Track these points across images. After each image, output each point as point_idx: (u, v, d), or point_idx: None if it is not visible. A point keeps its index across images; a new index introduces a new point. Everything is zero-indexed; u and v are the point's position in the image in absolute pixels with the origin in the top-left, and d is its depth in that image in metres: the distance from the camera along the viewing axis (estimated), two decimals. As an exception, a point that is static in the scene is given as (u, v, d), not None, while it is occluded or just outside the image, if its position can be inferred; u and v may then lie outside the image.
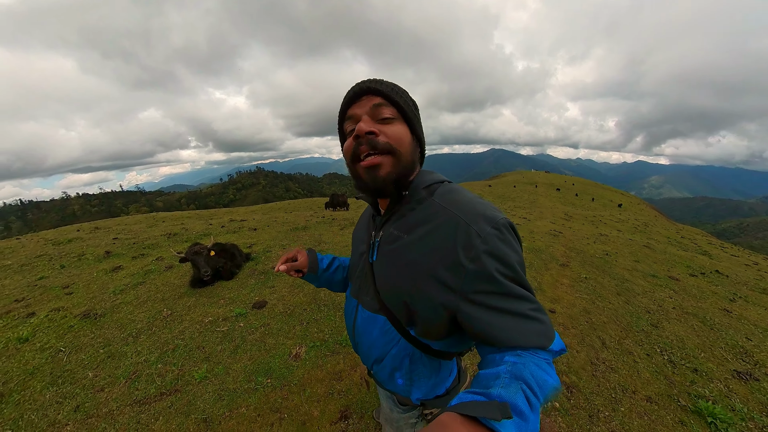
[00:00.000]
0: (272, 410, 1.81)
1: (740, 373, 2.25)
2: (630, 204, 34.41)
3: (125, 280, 4.01)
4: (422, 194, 0.65)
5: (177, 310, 3.08)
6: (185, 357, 2.35)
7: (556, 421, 1.73)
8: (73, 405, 2.00)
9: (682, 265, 5.37)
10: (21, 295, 3.76)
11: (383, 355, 0.72)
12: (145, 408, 1.93)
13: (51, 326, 2.95)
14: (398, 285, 0.64)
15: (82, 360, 2.44)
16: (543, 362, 0.50)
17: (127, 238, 6.58)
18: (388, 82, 0.64)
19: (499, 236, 0.55)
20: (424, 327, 0.64)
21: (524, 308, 0.54)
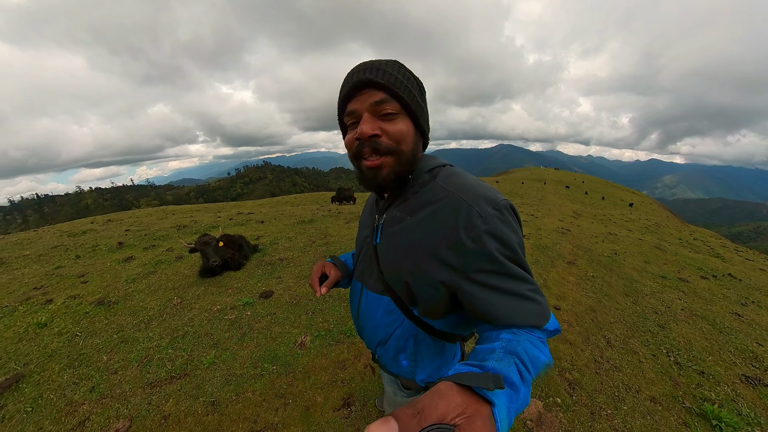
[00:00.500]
0: (277, 396, 1.86)
1: (749, 378, 2.19)
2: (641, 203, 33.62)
3: (137, 269, 4.12)
4: (425, 177, 0.66)
5: (187, 299, 3.17)
6: (194, 343, 2.43)
7: (558, 417, 1.73)
8: (89, 386, 2.10)
9: (693, 267, 5.25)
10: (39, 283, 3.90)
11: (388, 335, 0.73)
12: (156, 390, 2.00)
13: (68, 312, 3.07)
14: (401, 265, 0.65)
15: (97, 344, 2.54)
16: (537, 340, 0.51)
17: (139, 229, 6.75)
18: (390, 70, 0.59)
19: (500, 217, 0.56)
20: (426, 305, 0.64)
21: (522, 288, 0.55)
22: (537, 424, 1.65)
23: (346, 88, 0.60)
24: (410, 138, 0.61)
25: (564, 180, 44.20)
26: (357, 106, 0.59)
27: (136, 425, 1.74)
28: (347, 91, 0.60)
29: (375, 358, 0.87)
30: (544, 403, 1.82)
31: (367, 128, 0.57)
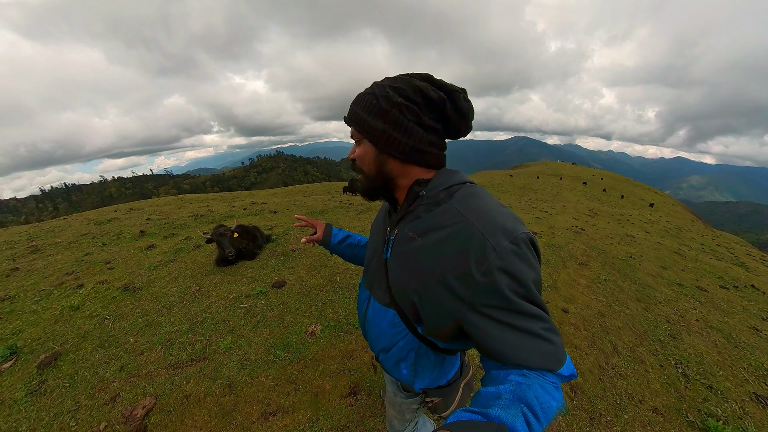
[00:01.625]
0: (288, 381, 1.98)
1: (759, 397, 2.14)
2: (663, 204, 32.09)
3: (158, 257, 4.31)
4: (441, 196, 0.64)
5: (205, 286, 3.31)
6: (212, 329, 2.56)
7: (556, 419, 1.78)
8: (118, 365, 2.25)
9: (713, 276, 5.05)
10: (71, 269, 4.13)
11: (390, 345, 0.75)
12: (178, 371, 2.14)
13: (97, 297, 3.25)
14: (409, 286, 0.65)
15: (124, 327, 2.71)
16: (550, 385, 0.48)
17: (159, 218, 7.00)
18: (355, 106, 0.68)
19: (517, 251, 0.52)
20: (431, 327, 0.65)
21: (535, 326, 0.52)
22: None
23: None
24: (367, 159, 0.69)
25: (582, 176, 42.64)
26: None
27: (161, 403, 1.89)
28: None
29: (378, 360, 0.89)
30: None
31: (350, 154, 0.75)
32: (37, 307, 3.15)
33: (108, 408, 1.91)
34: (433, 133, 0.65)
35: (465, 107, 0.64)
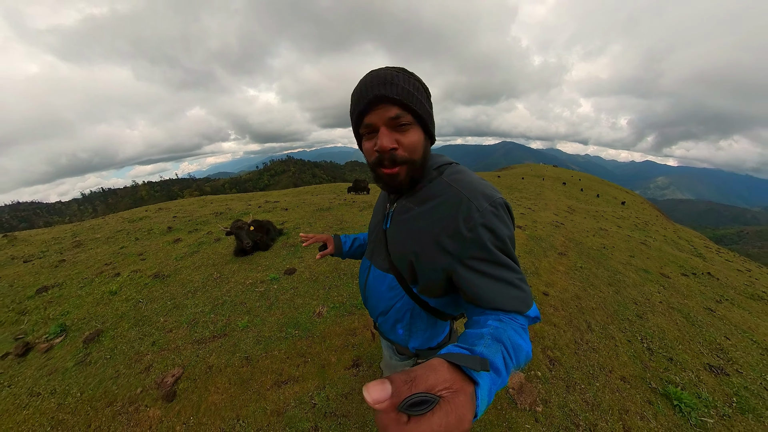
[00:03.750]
0: (299, 355, 2.00)
1: (712, 367, 2.19)
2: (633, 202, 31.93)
3: (184, 249, 4.33)
4: (433, 174, 0.66)
5: (224, 274, 3.33)
6: (231, 310, 2.58)
7: (537, 387, 1.78)
8: (151, 341, 2.29)
9: (675, 265, 5.05)
10: (109, 260, 4.19)
11: (389, 307, 0.75)
12: (202, 346, 2.17)
13: (132, 283, 3.30)
14: (406, 248, 0.66)
15: (155, 309, 2.75)
16: (519, 328, 0.51)
17: (184, 216, 7.00)
18: (402, 83, 0.57)
19: (495, 212, 0.56)
20: (425, 284, 0.66)
21: (510, 276, 0.55)
22: (518, 392, 1.72)
23: (362, 102, 0.58)
24: (421, 146, 0.61)
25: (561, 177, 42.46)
26: (374, 119, 0.58)
27: (188, 372, 1.92)
28: (364, 107, 0.58)
29: (376, 326, 0.91)
30: (525, 375, 1.87)
31: (387, 142, 0.57)
32: (82, 293, 3.21)
33: (143, 376, 1.95)
34: None
35: None
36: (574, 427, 1.57)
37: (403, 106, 0.57)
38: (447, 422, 0.28)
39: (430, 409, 0.28)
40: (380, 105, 0.57)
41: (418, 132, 0.60)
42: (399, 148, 0.59)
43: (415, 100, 0.58)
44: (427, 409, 0.28)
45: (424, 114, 0.59)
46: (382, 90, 0.56)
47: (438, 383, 0.31)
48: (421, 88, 0.61)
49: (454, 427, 0.29)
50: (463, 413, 0.30)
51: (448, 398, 0.30)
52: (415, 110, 0.58)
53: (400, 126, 0.58)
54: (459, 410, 0.30)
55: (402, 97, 0.56)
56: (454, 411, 0.29)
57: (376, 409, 0.28)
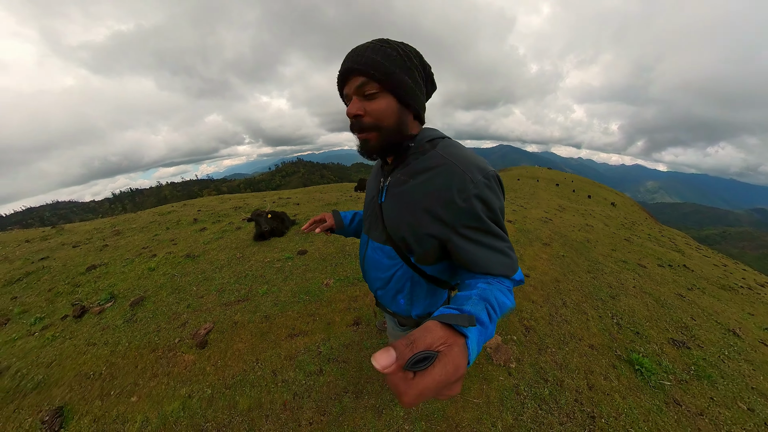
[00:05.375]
0: (309, 315, 2.16)
1: (675, 341, 2.20)
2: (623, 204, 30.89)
3: (209, 236, 4.51)
4: (426, 147, 0.63)
5: (246, 254, 3.50)
6: (252, 281, 2.75)
7: (512, 348, 1.90)
8: (186, 304, 2.46)
9: (653, 257, 4.98)
10: (145, 245, 4.40)
11: (389, 277, 0.73)
12: (229, 308, 2.34)
13: (167, 262, 3.50)
14: (402, 219, 0.64)
15: (188, 281, 2.92)
16: (505, 289, 0.53)
17: (207, 210, 7.22)
18: (370, 53, 0.55)
19: (488, 184, 0.55)
20: (420, 254, 0.64)
21: (499, 244, 0.56)
22: (495, 351, 1.84)
23: (339, 76, 0.59)
24: (391, 114, 0.58)
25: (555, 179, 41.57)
26: (347, 90, 0.59)
27: (217, 327, 2.10)
28: (339, 80, 0.60)
29: (377, 302, 0.87)
30: (503, 339, 1.99)
31: (351, 109, 0.57)
32: (125, 269, 3.41)
33: (180, 330, 2.13)
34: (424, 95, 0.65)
35: (435, 83, 0.67)
36: (543, 382, 1.68)
37: (367, 75, 0.55)
38: (446, 371, 0.30)
39: (431, 363, 0.30)
40: (351, 76, 0.57)
41: (386, 100, 0.57)
42: (365, 115, 0.57)
43: (382, 69, 0.54)
44: (428, 364, 0.30)
45: (392, 81, 0.55)
46: (349, 63, 0.56)
47: (435, 341, 0.32)
48: (396, 56, 0.56)
49: (452, 374, 0.31)
50: (459, 362, 0.32)
51: (444, 352, 0.32)
52: (380, 78, 0.55)
53: (367, 95, 0.57)
54: (455, 360, 0.32)
55: (365, 67, 0.54)
56: (451, 361, 0.31)
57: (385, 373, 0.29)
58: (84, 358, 1.99)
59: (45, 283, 3.27)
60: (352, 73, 0.57)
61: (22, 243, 5.40)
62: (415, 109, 0.62)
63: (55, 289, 3.07)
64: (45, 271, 3.61)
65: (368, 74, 0.55)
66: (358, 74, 0.56)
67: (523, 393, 1.60)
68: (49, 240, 5.43)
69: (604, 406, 1.57)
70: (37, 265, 3.84)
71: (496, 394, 1.58)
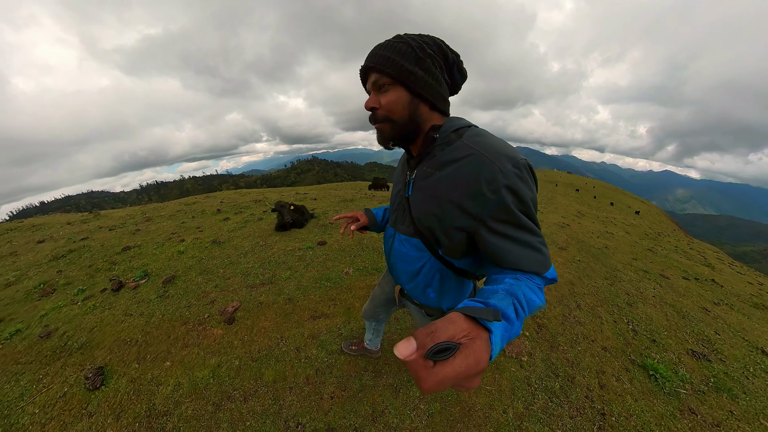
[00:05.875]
0: (330, 299, 2.30)
1: (695, 353, 2.11)
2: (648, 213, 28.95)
3: (233, 225, 4.77)
4: (452, 137, 0.62)
5: (268, 243, 3.69)
6: (276, 266, 2.92)
7: (524, 343, 1.96)
8: (214, 284, 2.66)
9: (678, 269, 4.73)
10: (174, 231, 4.69)
11: (417, 270, 0.73)
12: (254, 290, 2.51)
13: (194, 246, 3.73)
14: (430, 212, 0.63)
15: (215, 264, 3.13)
16: (535, 286, 0.50)
17: (229, 202, 7.58)
18: (382, 51, 0.58)
19: (518, 174, 0.53)
20: (448, 246, 0.64)
21: (530, 239, 0.54)
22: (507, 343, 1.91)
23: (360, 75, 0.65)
24: (401, 105, 0.60)
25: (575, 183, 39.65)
26: (368, 86, 0.63)
27: (243, 306, 2.28)
28: (360, 78, 0.65)
29: (404, 293, 0.88)
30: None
31: (367, 103, 0.62)
32: (156, 251, 3.68)
33: (209, 307, 2.32)
34: (447, 86, 0.64)
35: (465, 71, 0.66)
36: (554, 377, 1.73)
37: (378, 70, 0.59)
38: (467, 363, 0.30)
39: (452, 354, 0.30)
40: (369, 74, 0.62)
41: (396, 92, 0.59)
42: (380, 108, 0.61)
43: (391, 63, 0.57)
44: (449, 354, 0.30)
45: (401, 74, 0.58)
46: (366, 62, 0.61)
47: (457, 333, 0.32)
48: (407, 50, 0.58)
49: (473, 367, 0.31)
50: (480, 355, 0.32)
51: (466, 344, 0.32)
52: (390, 72, 0.58)
53: (381, 88, 0.60)
54: (477, 353, 0.31)
55: (376, 64, 0.59)
56: (472, 354, 0.31)
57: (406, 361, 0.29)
58: (122, 326, 2.18)
59: (85, 260, 3.61)
60: (369, 71, 0.62)
61: (65, 225, 5.90)
62: (429, 100, 0.61)
63: (95, 265, 3.38)
64: (85, 249, 3.97)
65: (379, 70, 0.59)
66: (372, 71, 0.61)
67: (534, 385, 1.66)
68: (88, 223, 5.90)
69: (615, 406, 1.58)
70: (78, 244, 4.22)
71: (507, 384, 1.66)
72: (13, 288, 2.98)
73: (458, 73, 0.64)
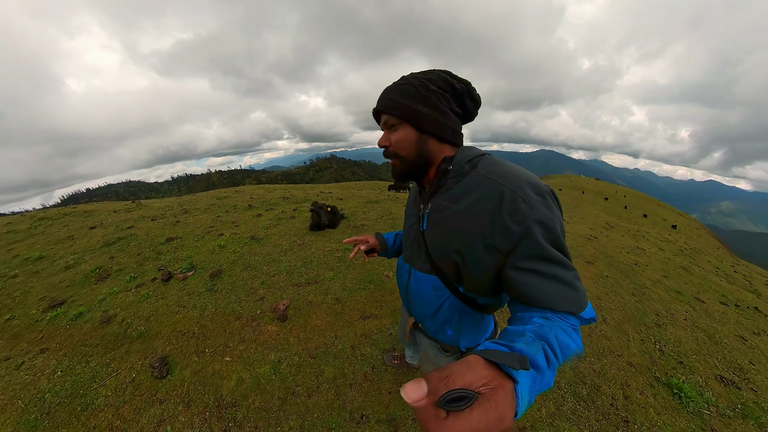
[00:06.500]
0: (375, 300, 2.51)
1: (724, 379, 2.06)
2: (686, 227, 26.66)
3: (267, 222, 4.94)
4: (466, 168, 0.62)
5: (306, 242, 3.83)
6: (318, 266, 3.12)
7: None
8: (260, 281, 2.84)
9: (716, 293, 4.47)
10: (211, 224, 4.88)
11: (436, 308, 0.72)
12: (300, 288, 2.71)
13: (234, 241, 3.88)
14: (449, 249, 0.62)
15: (258, 261, 3.28)
16: (569, 327, 0.46)
17: (258, 198, 7.87)
18: (389, 93, 0.64)
19: (543, 202, 0.52)
20: (471, 284, 0.63)
21: (562, 273, 0.51)
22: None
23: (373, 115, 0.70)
24: (408, 142, 0.64)
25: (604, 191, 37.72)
26: (381, 126, 0.69)
27: (294, 304, 2.50)
28: (374, 118, 0.70)
29: (419, 327, 0.87)
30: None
31: (380, 142, 0.68)
32: (198, 244, 3.88)
33: (259, 303, 2.48)
34: (457, 116, 0.67)
35: (478, 97, 0.68)
36: (582, 384, 1.91)
37: (386, 112, 0.65)
38: (487, 419, 0.27)
39: (469, 405, 0.27)
40: (380, 116, 0.68)
41: (404, 131, 0.64)
42: (390, 145, 0.66)
43: (395, 105, 0.63)
44: (466, 405, 0.27)
45: (406, 114, 0.62)
46: (376, 106, 0.67)
47: (475, 380, 0.29)
48: (411, 89, 0.62)
49: (494, 426, 0.27)
50: (504, 411, 0.28)
51: (487, 395, 0.29)
52: (396, 113, 0.63)
53: (390, 127, 0.66)
54: (499, 408, 0.28)
55: (382, 107, 0.65)
56: (494, 408, 0.28)
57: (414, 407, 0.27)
58: (177, 318, 2.26)
59: (133, 248, 3.93)
60: (378, 113, 0.68)
61: (111, 213, 6.50)
62: (436, 134, 0.64)
63: (143, 254, 3.68)
64: (132, 238, 4.33)
65: (387, 112, 0.65)
66: (382, 113, 0.67)
67: (563, 389, 1.87)
68: (132, 212, 6.45)
69: (638, 416, 1.68)
70: (126, 232, 4.60)
71: None
72: (72, 271, 3.25)
73: (470, 100, 0.67)
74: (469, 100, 0.67)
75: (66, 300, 2.66)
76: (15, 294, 2.89)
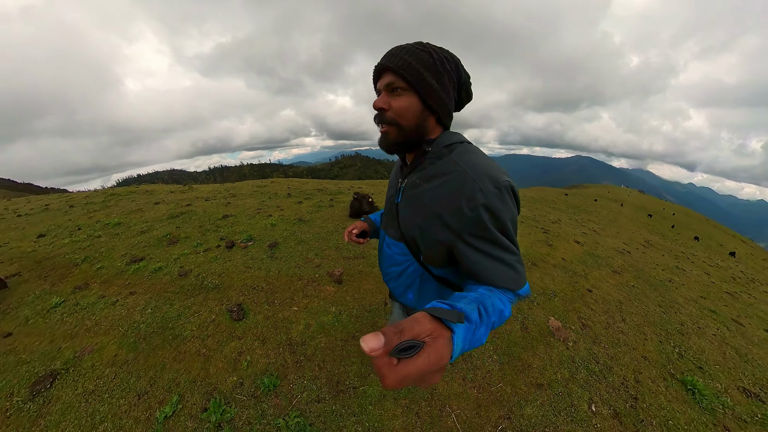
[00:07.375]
0: None
1: (747, 390, 2.01)
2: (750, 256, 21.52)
3: (308, 208, 5.36)
4: (443, 152, 0.66)
5: (347, 226, 4.12)
6: (363, 245, 3.34)
7: (570, 333, 2.41)
8: (314, 253, 3.26)
9: (761, 320, 3.83)
10: (258, 207, 5.32)
11: (400, 272, 0.81)
12: (350, 261, 3.12)
13: (282, 222, 4.32)
14: (413, 221, 0.70)
15: (308, 237, 3.71)
16: (506, 299, 0.56)
17: (295, 188, 8.46)
18: (403, 54, 0.61)
19: (498, 195, 0.57)
20: (428, 255, 0.71)
21: (506, 256, 0.59)
22: (555, 329, 2.42)
23: (373, 71, 0.67)
24: (412, 113, 0.64)
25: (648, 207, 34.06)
26: (379, 85, 0.67)
27: (346, 271, 2.92)
28: (374, 75, 0.67)
29: (391, 294, 1.01)
30: (562, 323, 2.51)
31: (377, 102, 0.65)
32: (251, 222, 4.38)
33: (316, 269, 2.91)
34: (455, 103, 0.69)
35: (472, 93, 0.71)
36: (595, 362, 2.11)
37: (397, 74, 0.61)
38: (429, 361, 0.34)
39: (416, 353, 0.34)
40: (384, 73, 0.65)
41: (410, 99, 0.63)
42: (389, 110, 0.64)
43: (411, 69, 0.60)
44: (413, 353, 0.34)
45: (419, 82, 0.61)
46: (384, 60, 0.63)
47: (422, 332, 0.36)
48: (428, 60, 0.61)
49: (434, 364, 0.35)
50: (442, 353, 0.36)
51: (429, 343, 0.36)
52: (407, 78, 0.60)
53: (394, 91, 0.63)
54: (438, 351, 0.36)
55: (396, 66, 0.61)
56: (434, 352, 0.35)
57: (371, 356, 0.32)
58: (245, 276, 2.58)
59: (195, 221, 4.49)
60: (385, 71, 0.64)
61: (168, 193, 7.42)
62: (437, 113, 0.66)
63: (204, 226, 4.21)
64: (192, 213, 4.94)
65: (397, 73, 0.61)
66: (390, 72, 0.63)
67: (577, 362, 2.15)
68: (186, 193, 7.31)
69: (647, 398, 1.80)
70: (185, 209, 5.26)
71: (556, 356, 2.17)
72: (147, 235, 3.72)
73: (465, 93, 0.70)
74: (464, 93, 0.71)
75: (145, 257, 3.04)
76: (101, 250, 3.41)
